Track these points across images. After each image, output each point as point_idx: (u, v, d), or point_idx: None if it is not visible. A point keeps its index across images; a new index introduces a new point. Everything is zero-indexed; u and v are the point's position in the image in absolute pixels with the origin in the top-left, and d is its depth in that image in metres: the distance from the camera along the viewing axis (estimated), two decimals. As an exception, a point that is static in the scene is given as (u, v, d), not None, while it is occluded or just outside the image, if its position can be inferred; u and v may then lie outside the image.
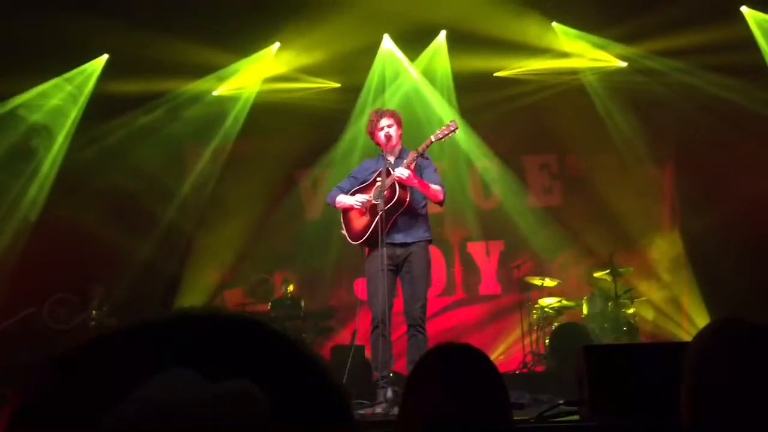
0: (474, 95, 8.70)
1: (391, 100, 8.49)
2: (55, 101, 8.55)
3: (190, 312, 0.59)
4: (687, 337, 7.76)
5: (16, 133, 8.43)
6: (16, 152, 8.40)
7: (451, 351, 1.59)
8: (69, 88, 8.48)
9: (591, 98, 8.68)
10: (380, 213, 4.66)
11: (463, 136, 8.18)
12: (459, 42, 8.18)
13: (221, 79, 8.72)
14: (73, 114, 8.54)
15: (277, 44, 8.30)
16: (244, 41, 8.09)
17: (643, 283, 8.12)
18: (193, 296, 8.61)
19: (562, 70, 8.64)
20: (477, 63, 8.44)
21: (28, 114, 8.49)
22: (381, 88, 8.74)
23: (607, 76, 8.64)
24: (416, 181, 4.71)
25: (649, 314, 8.11)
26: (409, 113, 8.37)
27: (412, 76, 8.80)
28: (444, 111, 8.54)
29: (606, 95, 8.63)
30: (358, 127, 8.06)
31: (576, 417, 3.17)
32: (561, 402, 3.58)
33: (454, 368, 1.52)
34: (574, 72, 8.66)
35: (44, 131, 8.58)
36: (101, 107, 8.42)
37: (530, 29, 7.95)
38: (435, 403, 1.44)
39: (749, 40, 7.84)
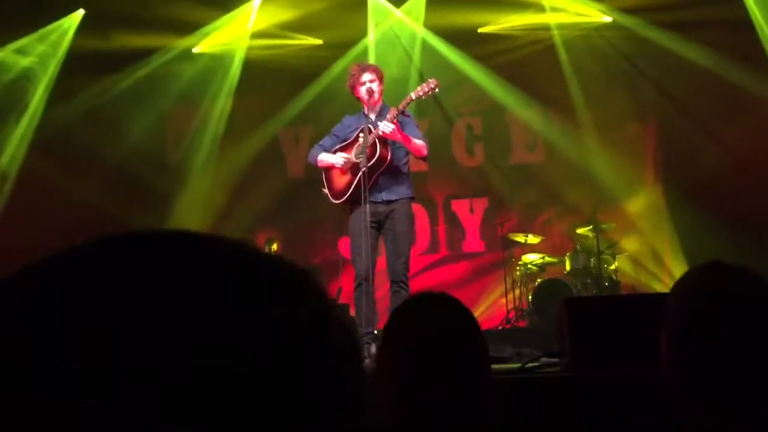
0: (458, 51, 8.63)
1: (373, 54, 8.41)
2: (30, 59, 8.36)
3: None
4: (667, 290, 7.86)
5: None
6: None
7: (427, 299, 1.58)
8: (42, 46, 8.27)
9: (574, 55, 8.63)
10: (362, 170, 4.63)
11: (446, 93, 8.11)
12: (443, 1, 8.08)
13: (201, 36, 8.57)
14: (50, 71, 8.36)
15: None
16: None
17: (626, 238, 8.17)
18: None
19: (545, 26, 8.57)
20: (460, 18, 8.35)
21: (1, 72, 8.30)
22: (364, 47, 8.64)
23: (591, 32, 8.57)
24: (400, 136, 4.67)
25: (631, 270, 8.19)
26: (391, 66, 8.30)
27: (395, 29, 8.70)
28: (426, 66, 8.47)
29: (589, 52, 8.58)
30: (340, 83, 7.97)
31: (557, 368, 3.21)
32: (542, 354, 3.61)
33: (430, 316, 1.51)
34: (557, 28, 8.58)
35: (20, 89, 8.40)
36: (78, 65, 8.24)
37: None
38: (411, 351, 1.43)
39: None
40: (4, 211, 8.13)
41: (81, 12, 8.10)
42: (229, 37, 8.66)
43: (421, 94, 4.74)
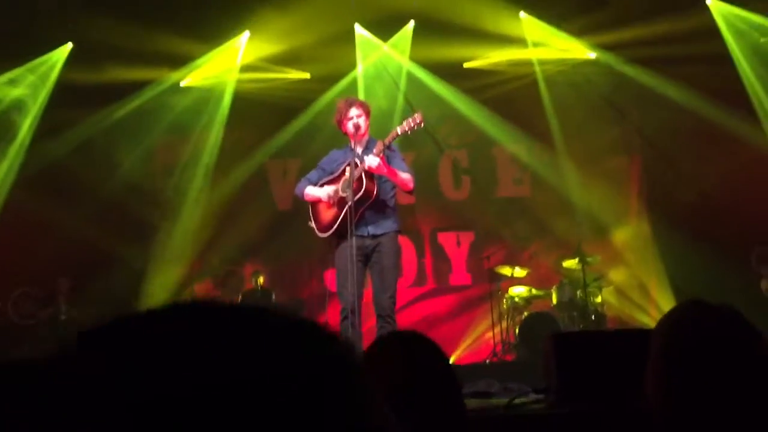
0: (444, 85, 8.73)
1: (362, 87, 8.51)
2: (18, 91, 8.37)
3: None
4: (654, 325, 7.88)
5: None
6: None
7: (397, 339, 1.58)
8: (32, 77, 8.30)
9: (559, 90, 8.75)
10: (349, 204, 4.64)
11: (433, 126, 8.19)
12: (429, 33, 8.18)
13: (191, 70, 8.62)
14: (38, 104, 8.36)
15: (246, 33, 8.22)
16: (213, 31, 7.99)
17: (612, 271, 8.21)
18: (160, 288, 8.51)
19: (530, 61, 8.69)
20: (446, 53, 8.45)
21: None
22: (352, 80, 8.73)
23: (576, 67, 8.71)
24: (386, 170, 4.68)
25: (617, 302, 8.21)
26: (377, 101, 8.39)
27: (382, 64, 8.81)
28: (415, 98, 8.57)
29: (574, 87, 8.71)
30: (327, 116, 8.03)
31: (544, 404, 3.19)
32: (530, 389, 3.60)
33: (401, 356, 1.50)
34: (542, 63, 8.71)
35: (7, 121, 8.39)
36: (66, 98, 8.26)
37: (499, 20, 7.98)
38: (383, 390, 1.42)
39: (713, 30, 7.97)
40: None
41: (69, 46, 8.14)
42: (218, 71, 8.71)
43: (406, 129, 4.77)
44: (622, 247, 8.49)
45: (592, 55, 8.55)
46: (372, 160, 4.59)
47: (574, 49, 8.51)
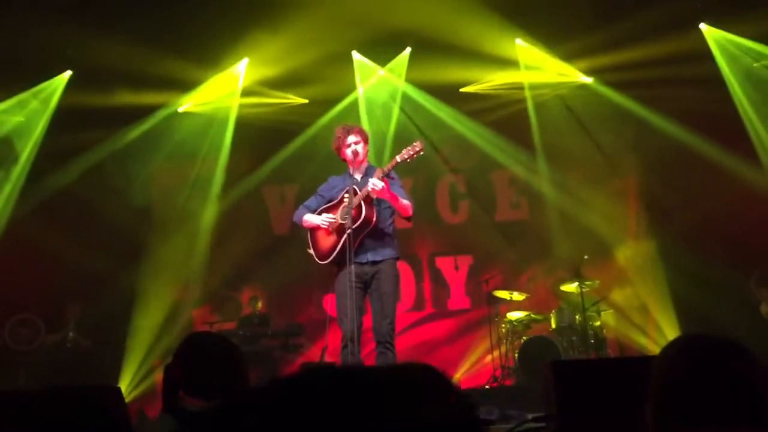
0: (442, 109, 8.79)
1: (364, 113, 8.57)
2: (20, 117, 8.41)
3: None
4: (655, 349, 7.86)
5: None
6: None
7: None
8: (35, 102, 8.34)
9: (555, 114, 8.81)
10: (348, 231, 4.65)
11: (431, 151, 8.23)
12: (426, 57, 8.25)
13: (189, 95, 8.67)
14: (39, 129, 8.40)
15: (245, 60, 8.29)
16: (210, 57, 8.05)
17: (611, 294, 8.20)
18: (157, 314, 8.49)
19: (527, 86, 8.75)
20: (443, 78, 8.51)
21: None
22: (349, 104, 8.78)
23: (573, 90, 8.76)
24: (388, 195, 4.71)
25: (616, 326, 8.18)
26: (376, 127, 8.44)
27: (380, 89, 8.87)
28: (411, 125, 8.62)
29: (570, 111, 8.76)
30: (325, 142, 8.07)
31: (545, 432, 3.18)
32: (530, 417, 3.58)
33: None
34: (538, 88, 8.77)
35: (9, 146, 8.42)
36: (66, 123, 8.29)
37: (496, 45, 8.05)
38: None
39: (707, 54, 8.06)
40: None
41: (68, 73, 8.19)
42: (217, 97, 8.76)
43: (406, 157, 4.80)
44: (621, 271, 8.49)
45: (587, 78, 8.63)
46: (376, 183, 4.61)
47: (570, 73, 8.59)
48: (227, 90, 8.66)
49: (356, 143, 4.90)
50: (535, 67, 8.50)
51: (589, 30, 7.79)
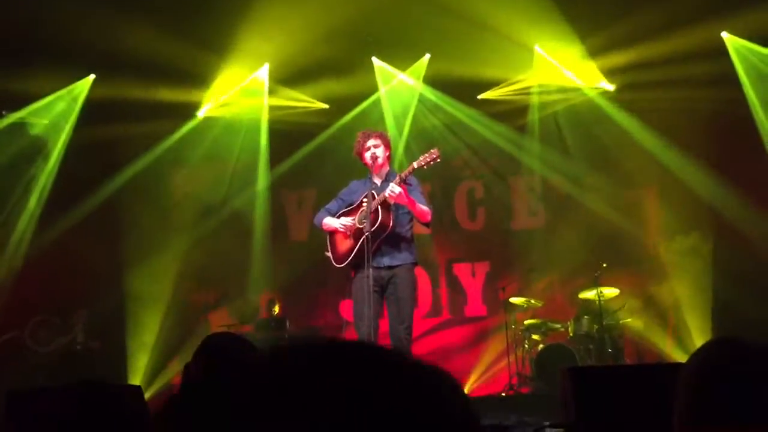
0: (460, 115, 8.79)
1: (378, 118, 8.60)
2: (56, 111, 8.53)
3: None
4: (672, 357, 7.80)
5: (18, 145, 8.37)
6: (16, 165, 8.33)
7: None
8: (68, 99, 8.45)
9: (574, 120, 8.76)
10: (365, 235, 4.67)
11: (449, 157, 8.22)
12: (445, 64, 8.26)
13: (208, 99, 8.74)
14: (66, 129, 8.51)
15: (266, 65, 8.35)
16: (232, 60, 8.12)
17: (629, 303, 8.12)
18: (177, 317, 8.56)
19: (545, 93, 8.73)
20: (461, 84, 8.51)
21: (31, 126, 8.48)
22: (368, 109, 8.81)
23: (593, 98, 8.71)
24: (406, 200, 4.73)
25: (634, 335, 8.11)
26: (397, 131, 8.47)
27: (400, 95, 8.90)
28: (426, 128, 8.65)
29: (589, 117, 8.71)
30: (346, 147, 8.10)
31: (562, 439, 3.17)
32: (547, 424, 3.58)
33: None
34: (557, 94, 8.74)
35: (44, 145, 8.55)
36: (92, 123, 8.37)
37: (514, 52, 8.05)
38: None
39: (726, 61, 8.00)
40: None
41: (92, 77, 8.28)
42: (233, 101, 8.82)
43: (423, 163, 4.82)
44: (639, 279, 8.42)
45: (608, 86, 8.56)
46: (394, 188, 4.64)
47: (591, 80, 8.53)
48: (248, 96, 8.72)
49: (375, 147, 4.93)
50: (553, 75, 8.48)
51: (610, 43, 7.77)
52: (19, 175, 8.37)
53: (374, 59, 8.55)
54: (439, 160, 4.81)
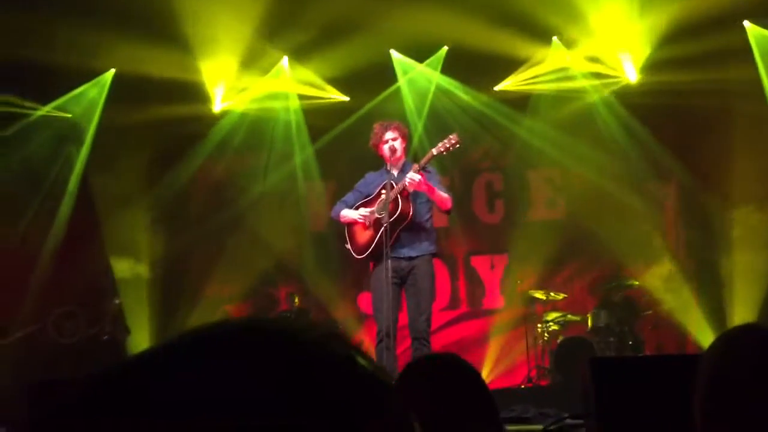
0: (478, 107, 8.75)
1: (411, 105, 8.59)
2: (69, 116, 8.64)
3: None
4: (693, 350, 7.72)
5: (50, 136, 8.48)
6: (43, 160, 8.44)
7: (434, 361, 1.58)
8: (86, 100, 8.55)
9: (595, 112, 8.67)
10: (384, 226, 4.67)
11: (467, 148, 8.18)
12: (463, 57, 8.23)
13: (227, 94, 8.77)
14: (89, 130, 8.61)
15: (285, 59, 8.38)
16: (252, 56, 8.16)
17: (649, 296, 8.07)
18: (195, 310, 8.63)
19: (565, 84, 8.65)
20: (479, 77, 8.48)
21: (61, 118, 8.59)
22: (385, 101, 8.80)
23: (613, 92, 8.61)
24: (425, 187, 4.71)
25: (654, 328, 8.05)
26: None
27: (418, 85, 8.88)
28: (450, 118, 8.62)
29: (610, 110, 8.62)
30: (362, 139, 8.09)
31: (582, 430, 3.16)
32: (567, 415, 3.56)
33: (439, 378, 1.51)
34: (578, 85, 8.65)
35: (76, 137, 8.65)
36: (112, 124, 8.48)
37: (532, 43, 8.01)
38: (419, 413, 1.42)
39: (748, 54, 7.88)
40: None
41: (112, 71, 8.35)
42: (252, 96, 8.85)
43: (442, 150, 4.79)
44: (659, 273, 8.34)
45: (631, 77, 8.44)
46: (414, 176, 4.62)
47: (613, 72, 8.44)
48: (264, 88, 8.75)
49: (393, 139, 4.92)
50: (572, 66, 8.42)
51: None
52: (58, 159, 8.48)
53: (393, 51, 8.54)
54: (459, 145, 4.78)
